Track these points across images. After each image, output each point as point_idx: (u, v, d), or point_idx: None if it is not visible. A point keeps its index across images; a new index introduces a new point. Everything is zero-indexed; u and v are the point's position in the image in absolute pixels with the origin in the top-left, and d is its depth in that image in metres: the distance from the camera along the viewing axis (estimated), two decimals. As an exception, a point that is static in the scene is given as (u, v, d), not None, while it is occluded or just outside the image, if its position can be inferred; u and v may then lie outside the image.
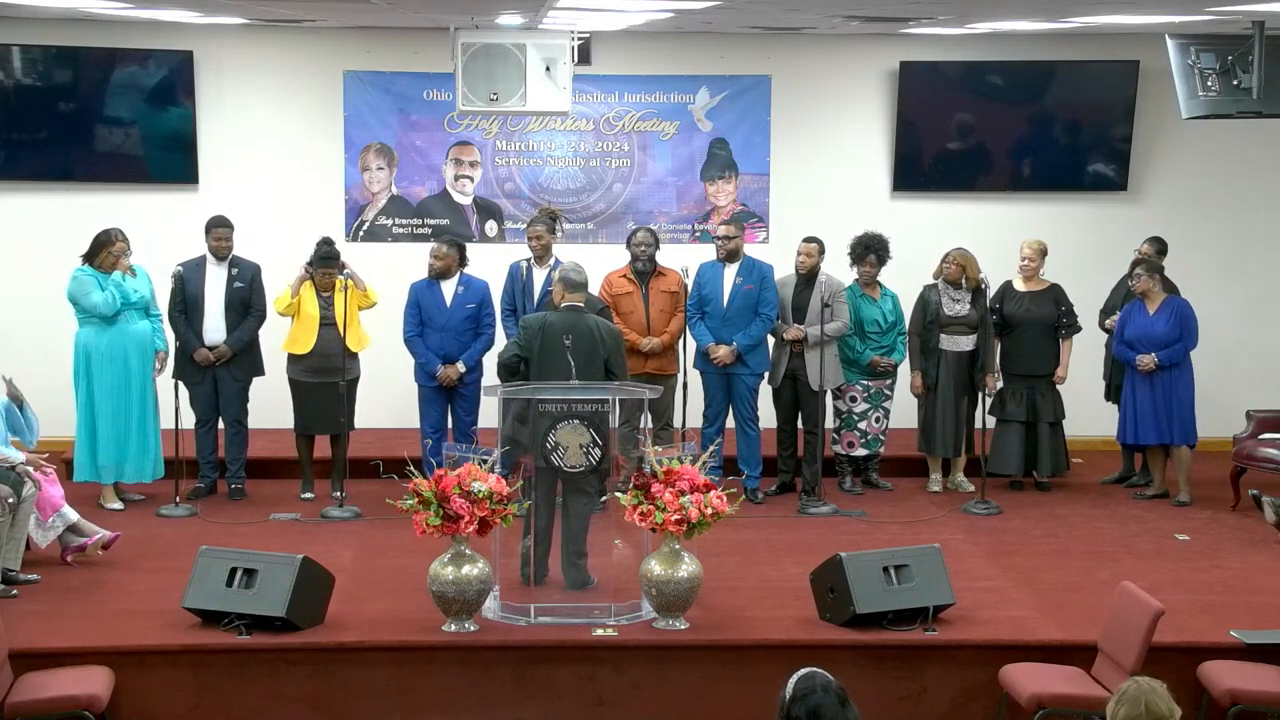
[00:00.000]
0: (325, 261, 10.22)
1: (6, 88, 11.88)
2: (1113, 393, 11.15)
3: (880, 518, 10.17)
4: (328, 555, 8.53)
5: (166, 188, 12.02)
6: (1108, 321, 10.95)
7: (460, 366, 10.36)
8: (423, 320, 10.39)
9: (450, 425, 10.52)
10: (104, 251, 9.96)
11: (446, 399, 10.45)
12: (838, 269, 10.74)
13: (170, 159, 12.03)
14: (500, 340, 10.50)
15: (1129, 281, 10.67)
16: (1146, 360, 10.40)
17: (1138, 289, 10.51)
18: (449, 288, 10.41)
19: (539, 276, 10.45)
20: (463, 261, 10.45)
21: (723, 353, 10.43)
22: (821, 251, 10.53)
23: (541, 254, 10.49)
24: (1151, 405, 10.45)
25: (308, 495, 10.50)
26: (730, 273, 10.53)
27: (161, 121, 12.01)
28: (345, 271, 10.26)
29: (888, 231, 10.89)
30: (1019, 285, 10.89)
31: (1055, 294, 10.83)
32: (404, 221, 12.25)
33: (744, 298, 10.47)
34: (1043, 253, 10.89)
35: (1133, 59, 12.06)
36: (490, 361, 10.49)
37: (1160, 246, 10.98)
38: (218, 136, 12.06)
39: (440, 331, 10.37)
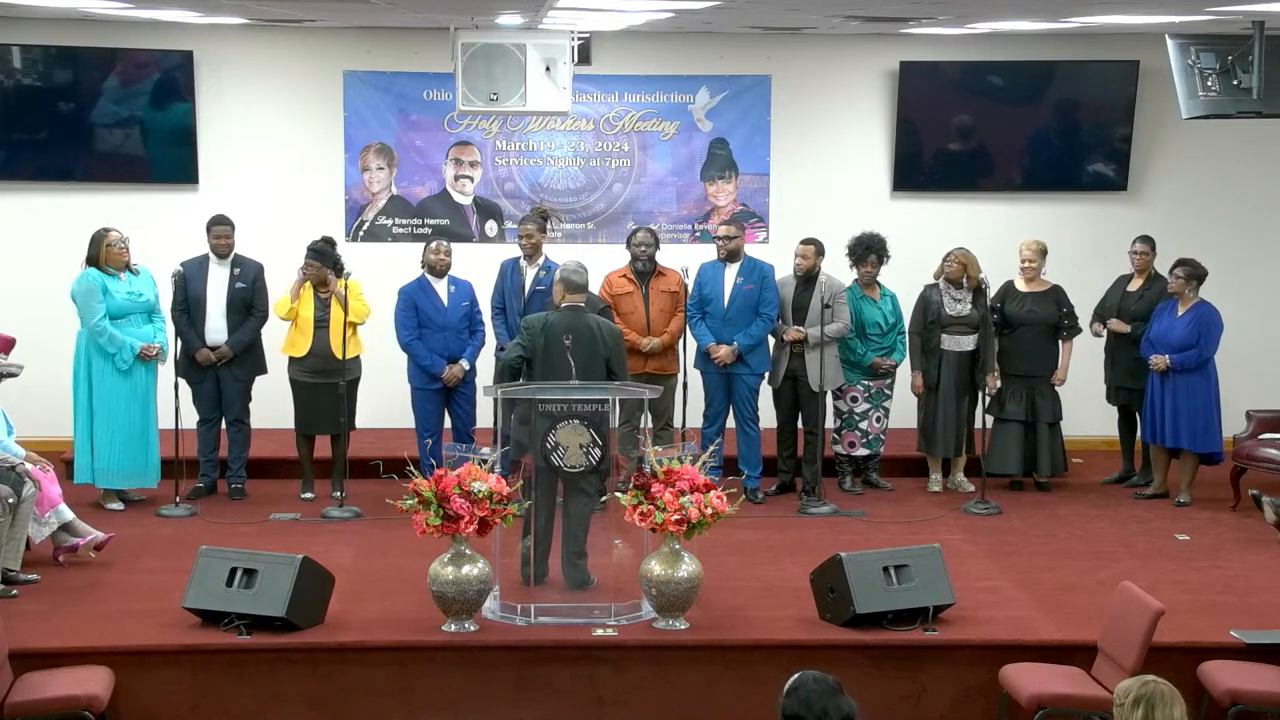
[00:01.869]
0: (311, 254, 10.20)
1: (6, 88, 11.87)
2: (1112, 393, 11.15)
3: (880, 518, 10.16)
4: (328, 555, 8.53)
5: (167, 188, 12.02)
6: (1095, 325, 10.96)
7: (464, 364, 10.35)
8: (420, 322, 10.37)
9: (449, 426, 10.51)
10: (101, 248, 9.96)
11: (444, 400, 10.44)
12: (837, 269, 10.73)
13: (170, 159, 12.03)
14: (490, 338, 10.53)
15: (1168, 278, 10.64)
16: (1158, 361, 10.41)
17: (1171, 289, 10.51)
18: (442, 288, 10.41)
19: (529, 275, 10.50)
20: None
21: (723, 353, 10.43)
22: (820, 253, 10.51)
23: (531, 252, 10.53)
24: (1165, 407, 10.45)
25: (308, 495, 10.50)
26: (731, 273, 10.53)
27: (162, 121, 12.01)
28: (346, 273, 10.25)
29: (888, 231, 10.89)
30: (1020, 285, 10.88)
31: (1056, 295, 10.83)
32: (404, 221, 12.25)
33: (745, 298, 10.47)
34: (1043, 253, 10.89)
35: (1133, 59, 12.06)
36: (483, 360, 10.51)
37: (1153, 244, 10.97)
38: (218, 136, 12.06)
39: (441, 331, 10.35)
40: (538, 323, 8.70)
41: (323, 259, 10.19)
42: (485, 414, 10.11)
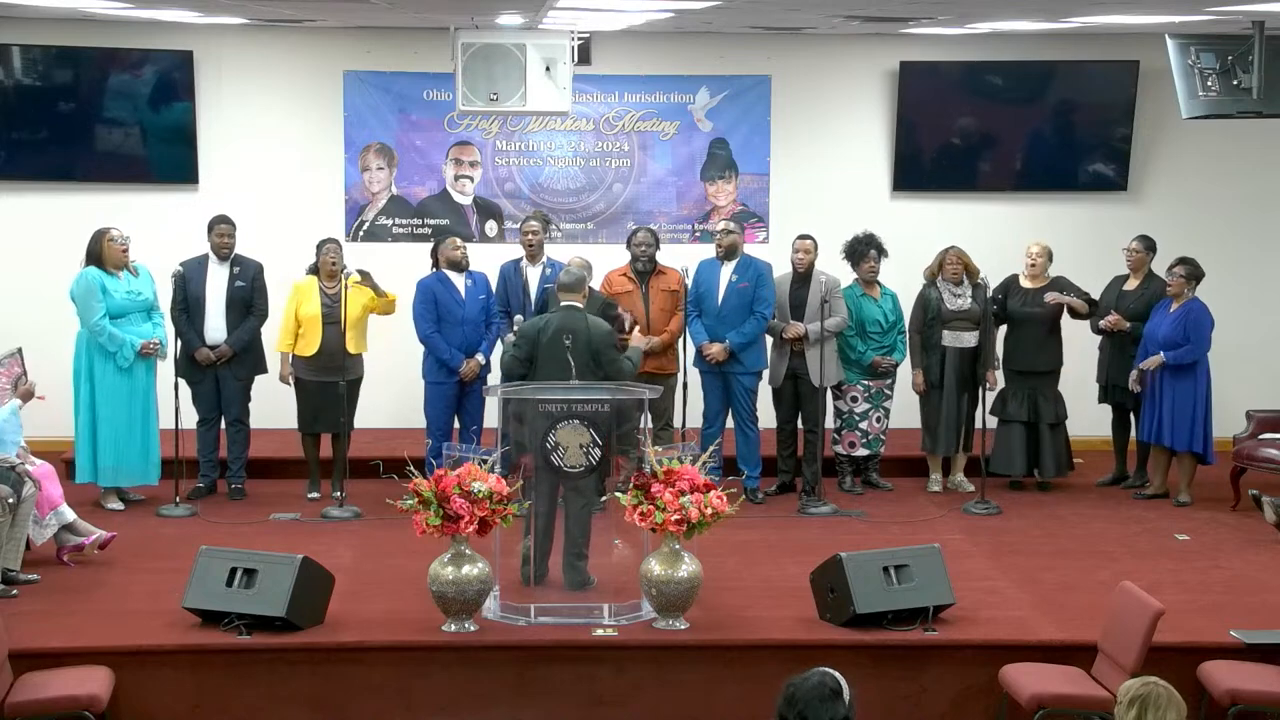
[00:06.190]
0: (329, 241, 10.32)
1: (6, 88, 11.88)
2: (1105, 393, 11.12)
3: (880, 518, 10.17)
4: (328, 555, 8.53)
5: (167, 187, 12.03)
6: (1102, 323, 10.94)
7: (480, 359, 10.35)
8: (438, 316, 10.36)
9: (458, 424, 10.46)
10: (102, 246, 9.95)
11: (455, 397, 10.41)
12: (837, 270, 10.73)
13: (170, 159, 12.03)
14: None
15: (1166, 276, 10.64)
16: (1150, 360, 10.40)
17: (1170, 290, 10.50)
18: (460, 281, 10.40)
19: (533, 275, 10.55)
20: None
21: (715, 350, 10.43)
22: (816, 247, 10.57)
23: (535, 251, 10.55)
24: (1157, 406, 10.45)
25: (314, 495, 10.48)
26: (726, 271, 10.54)
27: (162, 121, 12.01)
28: (346, 271, 10.25)
29: (888, 231, 10.90)
30: (1025, 282, 10.88)
31: (1060, 285, 10.79)
32: (404, 221, 12.25)
33: (739, 295, 10.47)
34: (1048, 255, 10.89)
35: (1133, 59, 12.06)
36: (496, 357, 10.51)
37: (1149, 244, 10.97)
38: (218, 136, 12.06)
39: (460, 325, 10.33)
40: (532, 329, 8.72)
41: (338, 244, 10.33)
42: (494, 414, 10.09)
